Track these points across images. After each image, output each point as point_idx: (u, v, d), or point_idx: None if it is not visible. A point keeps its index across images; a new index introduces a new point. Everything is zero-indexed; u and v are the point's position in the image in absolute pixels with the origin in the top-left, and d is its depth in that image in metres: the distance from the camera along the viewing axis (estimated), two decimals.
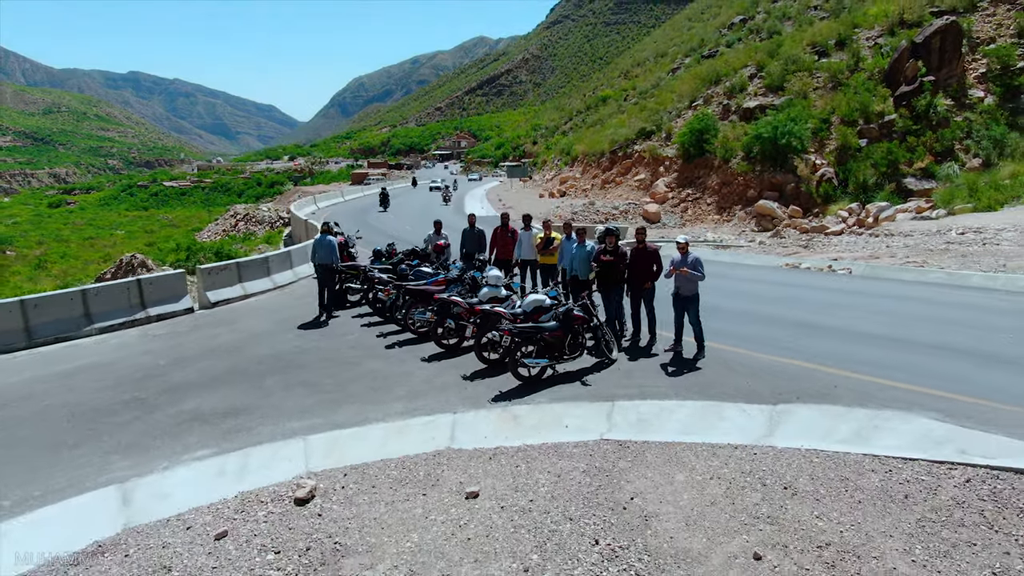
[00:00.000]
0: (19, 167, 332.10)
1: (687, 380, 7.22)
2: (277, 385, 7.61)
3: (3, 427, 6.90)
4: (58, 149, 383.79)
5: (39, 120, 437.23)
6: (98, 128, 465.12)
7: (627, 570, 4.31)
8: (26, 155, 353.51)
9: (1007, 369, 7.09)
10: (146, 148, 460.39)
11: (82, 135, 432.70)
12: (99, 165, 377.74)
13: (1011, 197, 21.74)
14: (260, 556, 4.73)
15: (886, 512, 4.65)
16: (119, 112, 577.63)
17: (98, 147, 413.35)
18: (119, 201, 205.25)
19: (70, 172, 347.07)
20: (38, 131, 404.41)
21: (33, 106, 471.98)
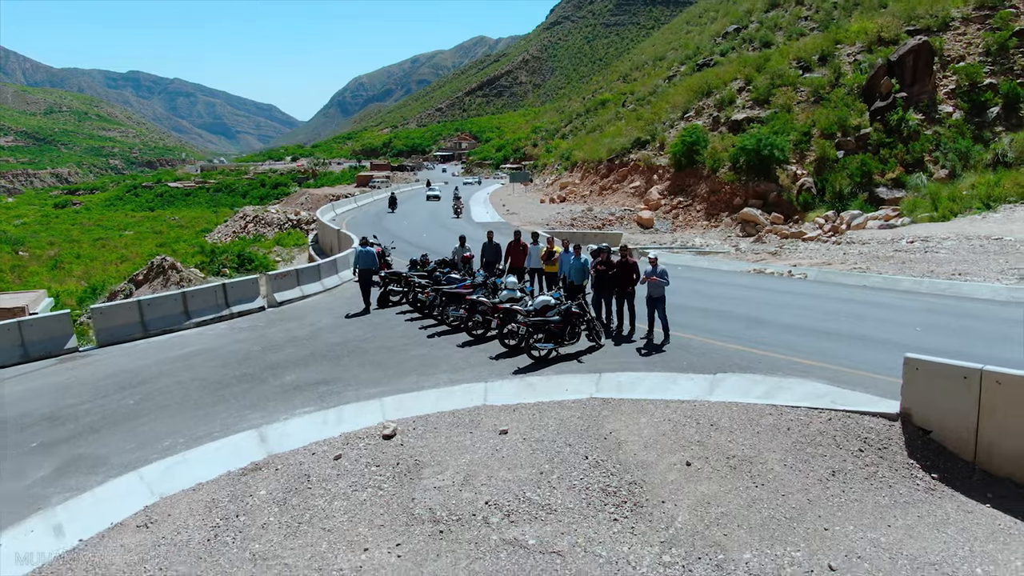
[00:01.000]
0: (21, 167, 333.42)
1: (655, 359, 9.73)
2: (351, 364, 10.12)
3: (155, 395, 9.41)
4: (60, 149, 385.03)
5: (40, 120, 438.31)
6: (99, 128, 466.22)
7: (605, 473, 6.82)
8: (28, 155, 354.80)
9: (888, 350, 9.57)
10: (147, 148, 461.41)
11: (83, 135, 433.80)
12: (101, 165, 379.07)
13: (964, 208, 24.25)
14: (367, 468, 7.24)
15: (773, 438, 7.16)
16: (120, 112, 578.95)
17: (100, 147, 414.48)
18: (124, 202, 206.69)
19: (72, 172, 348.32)
20: (40, 131, 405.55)
21: (34, 106, 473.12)
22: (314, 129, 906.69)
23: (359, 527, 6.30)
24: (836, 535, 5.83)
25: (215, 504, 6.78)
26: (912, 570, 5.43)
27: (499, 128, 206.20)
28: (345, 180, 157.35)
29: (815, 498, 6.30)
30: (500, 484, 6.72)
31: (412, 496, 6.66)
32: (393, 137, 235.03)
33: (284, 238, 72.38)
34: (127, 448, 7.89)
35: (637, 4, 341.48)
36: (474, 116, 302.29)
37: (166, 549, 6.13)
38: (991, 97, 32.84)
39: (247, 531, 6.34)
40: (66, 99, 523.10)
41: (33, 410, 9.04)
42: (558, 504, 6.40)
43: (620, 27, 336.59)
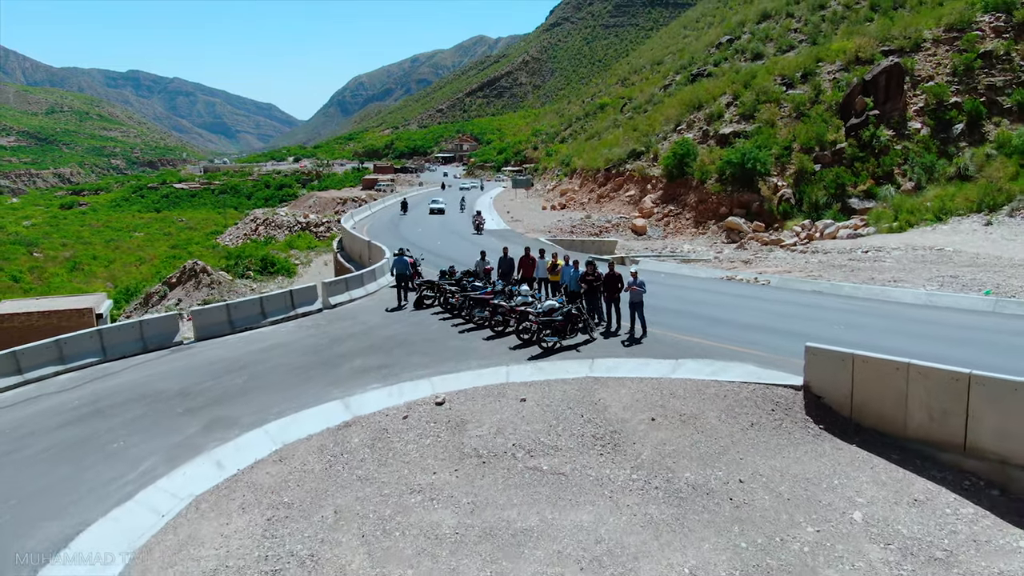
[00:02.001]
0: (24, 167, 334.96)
1: (635, 349, 12.70)
2: (402, 353, 13.10)
3: (257, 376, 12.40)
4: (62, 149, 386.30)
5: (42, 120, 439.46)
6: (101, 128, 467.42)
7: (595, 426, 9.79)
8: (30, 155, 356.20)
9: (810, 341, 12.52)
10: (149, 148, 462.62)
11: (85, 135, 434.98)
12: (103, 165, 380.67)
13: (920, 219, 27.23)
14: (427, 424, 10.22)
15: (713, 402, 10.14)
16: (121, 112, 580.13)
17: (101, 147, 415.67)
18: (130, 203, 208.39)
19: (74, 172, 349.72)
20: (41, 131, 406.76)
21: (36, 106, 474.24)
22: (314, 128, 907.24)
23: (427, 460, 9.29)
24: (747, 462, 8.83)
25: (324, 447, 9.77)
26: (792, 483, 8.43)
27: (500, 130, 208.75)
28: (349, 182, 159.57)
29: (737, 440, 9.29)
30: (522, 433, 9.71)
31: (461, 441, 9.65)
32: (395, 139, 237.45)
33: (295, 240, 75.40)
34: (249, 412, 10.87)
35: (636, 6, 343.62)
36: (475, 117, 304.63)
37: (298, 474, 9.12)
38: (956, 115, 35.87)
39: (351, 463, 9.32)
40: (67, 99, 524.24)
41: (167, 388, 12.01)
42: (562, 445, 9.39)
43: (619, 28, 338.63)
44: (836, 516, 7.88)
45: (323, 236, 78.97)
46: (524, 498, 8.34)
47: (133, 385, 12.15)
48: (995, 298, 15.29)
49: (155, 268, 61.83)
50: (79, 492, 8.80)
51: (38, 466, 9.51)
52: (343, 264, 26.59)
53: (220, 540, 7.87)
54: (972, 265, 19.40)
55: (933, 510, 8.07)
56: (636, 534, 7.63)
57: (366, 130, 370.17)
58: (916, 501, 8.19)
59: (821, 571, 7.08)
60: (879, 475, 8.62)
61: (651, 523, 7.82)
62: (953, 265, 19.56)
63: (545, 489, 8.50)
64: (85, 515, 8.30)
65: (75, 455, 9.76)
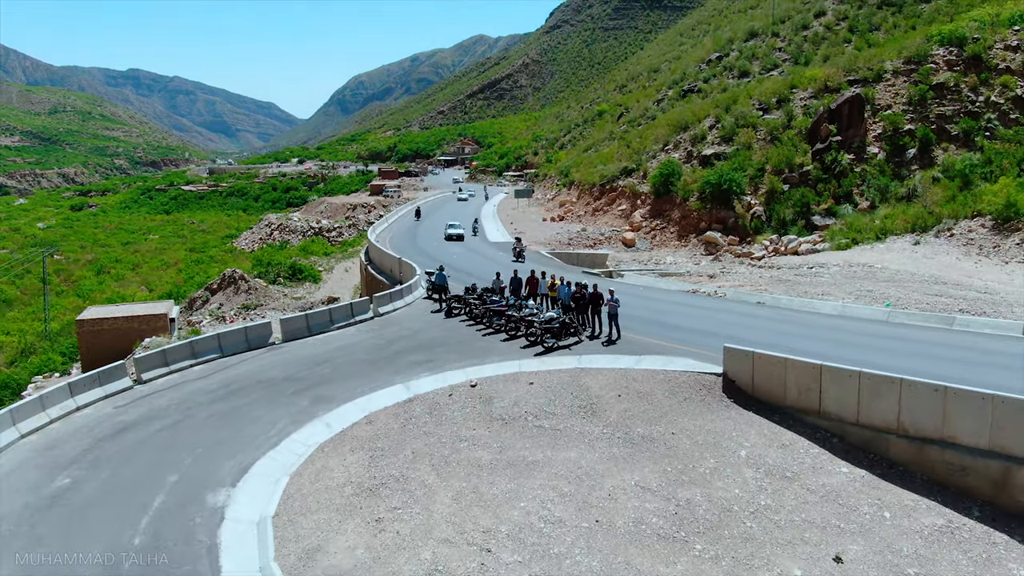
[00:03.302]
0: (29, 167, 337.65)
1: (610, 348, 17.38)
2: (442, 351, 17.77)
3: (337, 367, 17.08)
4: (65, 149, 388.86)
5: (45, 120, 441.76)
6: (103, 128, 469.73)
7: (580, 400, 14.48)
8: (34, 155, 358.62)
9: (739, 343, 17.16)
10: (151, 148, 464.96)
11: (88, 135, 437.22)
12: (106, 165, 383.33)
13: (864, 238, 31.89)
14: (466, 399, 14.91)
15: (661, 384, 14.83)
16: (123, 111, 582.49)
17: (104, 147, 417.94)
18: (139, 204, 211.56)
19: (79, 172, 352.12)
20: (45, 131, 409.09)
21: (39, 106, 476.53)
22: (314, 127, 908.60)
23: (468, 422, 13.98)
24: (678, 422, 13.53)
25: (397, 415, 14.46)
26: (705, 434, 13.12)
27: (501, 133, 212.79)
28: (354, 185, 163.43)
29: (673, 408, 13.99)
30: (531, 404, 14.40)
31: (490, 410, 14.34)
32: (398, 141, 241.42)
33: (310, 245, 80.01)
34: (340, 392, 15.55)
35: (635, 9, 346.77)
36: (475, 118, 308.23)
37: (383, 431, 13.81)
38: (909, 141, 40.54)
39: (417, 424, 14.01)
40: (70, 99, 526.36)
41: (276, 375, 16.69)
42: (558, 412, 14.08)
43: (618, 31, 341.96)
44: (729, 453, 12.59)
45: (335, 241, 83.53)
46: (532, 444, 13.04)
47: (250, 374, 16.83)
48: (891, 310, 19.95)
49: (186, 273, 66.26)
50: (242, 443, 13.49)
51: (207, 428, 14.20)
52: (374, 276, 31.17)
53: (342, 467, 12.58)
54: (889, 280, 24.07)
55: (793, 450, 12.79)
56: (604, 464, 12.34)
57: (368, 131, 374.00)
58: (783, 445, 12.91)
59: (714, 483, 11.79)
60: (763, 430, 13.34)
61: (613, 458, 12.52)
62: (875, 281, 24.23)
63: (546, 438, 13.20)
64: (252, 455, 12.99)
65: (230, 420, 14.45)
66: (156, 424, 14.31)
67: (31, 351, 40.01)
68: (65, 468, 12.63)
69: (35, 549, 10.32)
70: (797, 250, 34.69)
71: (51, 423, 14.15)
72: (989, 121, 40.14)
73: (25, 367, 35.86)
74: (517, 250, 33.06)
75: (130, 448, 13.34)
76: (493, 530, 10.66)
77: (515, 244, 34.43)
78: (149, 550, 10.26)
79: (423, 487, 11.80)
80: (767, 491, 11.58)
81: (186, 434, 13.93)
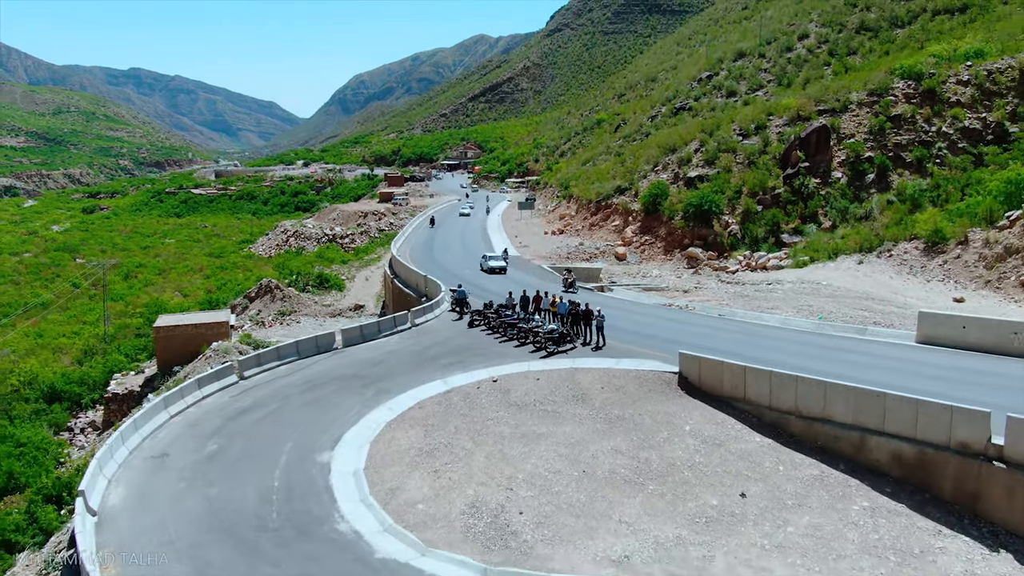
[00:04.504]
0: (35, 168, 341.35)
1: (597, 353, 22.69)
2: (468, 355, 23.08)
3: (390, 367, 22.43)
4: (70, 150, 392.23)
5: (49, 120, 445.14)
6: (107, 128, 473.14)
7: (573, 392, 19.82)
8: (40, 155, 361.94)
9: (698, 349, 22.45)
10: (155, 148, 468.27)
11: (92, 135, 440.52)
12: (111, 166, 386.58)
13: (820, 257, 37.15)
14: (489, 390, 20.26)
15: (633, 380, 20.15)
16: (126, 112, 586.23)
17: (108, 147, 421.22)
18: (149, 207, 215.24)
19: (84, 173, 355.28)
20: (49, 131, 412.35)
21: (43, 106, 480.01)
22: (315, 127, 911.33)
23: (492, 407, 19.32)
24: (644, 406, 18.87)
25: (440, 402, 19.79)
26: (663, 415, 18.47)
27: (502, 138, 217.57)
28: (361, 189, 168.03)
29: (642, 397, 19.34)
30: (537, 394, 19.74)
31: (508, 398, 19.68)
32: (402, 145, 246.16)
33: (325, 251, 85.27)
34: (395, 385, 20.86)
35: (634, 13, 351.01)
36: (477, 121, 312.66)
37: (431, 413, 19.14)
38: (868, 167, 45.85)
39: (455, 408, 19.35)
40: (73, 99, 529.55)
41: (345, 373, 21.99)
42: (557, 400, 19.43)
43: (618, 35, 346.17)
44: (678, 428, 17.91)
45: (348, 248, 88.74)
46: (539, 422, 18.36)
47: (324, 372, 22.15)
48: (821, 322, 25.23)
49: (214, 279, 71.33)
50: (331, 421, 18.79)
51: (302, 411, 19.52)
52: (401, 289, 36.42)
53: (405, 438, 17.91)
54: (830, 296, 29.36)
55: (723, 426, 18.11)
56: (589, 435, 17.66)
57: (371, 133, 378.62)
58: (716, 423, 18.22)
59: (665, 447, 17.12)
60: (704, 412, 18.65)
61: (596, 431, 17.85)
62: (818, 296, 29.52)
63: (548, 418, 18.52)
64: (340, 430, 18.30)
65: (317, 406, 19.77)
66: (264, 408, 19.64)
67: (93, 352, 45.27)
68: (210, 438, 17.96)
69: (212, 487, 15.65)
70: (765, 265, 39.98)
71: (188, 408, 19.47)
72: (939, 150, 45.44)
73: (94, 365, 41.17)
74: (568, 281, 34.12)
75: (251, 425, 18.68)
76: (513, 477, 15.98)
77: (566, 275, 35.54)
78: (286, 488, 15.59)
79: (464, 450, 17.12)
80: (701, 452, 16.90)
81: (288, 415, 19.25)
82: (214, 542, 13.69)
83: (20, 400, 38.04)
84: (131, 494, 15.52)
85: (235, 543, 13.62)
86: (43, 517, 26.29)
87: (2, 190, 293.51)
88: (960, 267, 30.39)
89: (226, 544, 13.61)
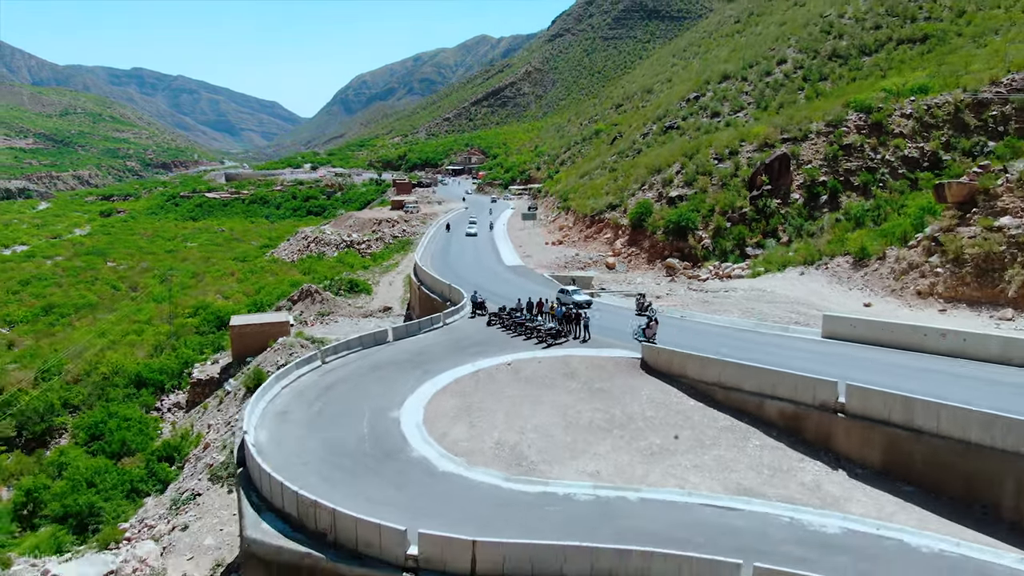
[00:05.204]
0: (45, 169, 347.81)
1: (585, 345, 30.56)
2: (489, 346, 30.97)
3: (433, 355, 30.40)
4: (78, 151, 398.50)
5: (57, 122, 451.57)
6: (113, 129, 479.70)
7: (566, 372, 27.79)
8: (48, 157, 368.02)
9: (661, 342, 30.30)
10: (160, 149, 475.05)
11: (99, 136, 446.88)
12: (119, 167, 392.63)
13: (772, 269, 44.98)
14: (506, 371, 28.23)
15: (611, 363, 28.09)
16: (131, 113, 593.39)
17: (115, 148, 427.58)
18: (165, 211, 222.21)
19: (93, 174, 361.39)
20: (57, 133, 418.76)
21: (50, 108, 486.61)
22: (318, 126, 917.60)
23: (508, 381, 27.28)
24: (615, 381, 26.85)
25: (470, 378, 27.74)
26: (629, 388, 26.44)
27: (505, 144, 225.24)
28: (370, 195, 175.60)
29: (614, 375, 27.30)
30: (539, 373, 27.69)
31: (519, 376, 27.63)
32: (408, 151, 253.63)
33: (344, 257, 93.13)
34: (437, 367, 28.78)
35: (634, 19, 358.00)
36: (480, 125, 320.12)
37: (465, 386, 27.11)
38: (822, 190, 53.69)
39: (482, 383, 27.31)
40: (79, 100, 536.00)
41: (399, 359, 29.88)
42: (554, 376, 27.39)
43: (618, 40, 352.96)
44: (638, 395, 25.86)
45: (365, 253, 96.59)
46: (541, 392, 26.31)
47: (384, 358, 30.05)
48: (758, 323, 33.05)
49: (250, 283, 79.18)
50: (395, 391, 26.72)
51: (373, 385, 27.46)
52: (427, 295, 44.23)
53: (447, 402, 25.88)
54: (771, 302, 37.19)
55: (669, 394, 26.05)
56: (576, 400, 25.62)
57: (376, 136, 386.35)
58: (664, 391, 26.16)
59: (628, 406, 25.07)
60: (657, 385, 26.56)
61: (581, 398, 25.80)
62: (761, 302, 37.35)
63: (547, 389, 26.46)
64: (402, 397, 26.24)
65: (383, 382, 27.70)
66: (346, 383, 27.57)
67: (162, 347, 53.25)
68: (313, 402, 25.88)
69: (323, 432, 23.57)
70: (730, 274, 47.86)
71: (293, 382, 27.37)
72: (882, 175, 53.33)
73: (169, 357, 49.18)
74: (643, 304, 36.73)
75: (340, 394, 26.60)
76: (524, 427, 23.88)
77: (639, 298, 37.72)
78: (373, 433, 23.50)
79: (489, 410, 25.03)
80: (652, 410, 24.79)
81: (364, 387, 27.17)
82: (332, 464, 21.57)
83: (111, 386, 46.04)
84: (271, 437, 23.40)
85: (346, 463, 21.51)
86: (160, 471, 34.55)
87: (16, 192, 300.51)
88: (876, 278, 38.28)
89: (340, 464, 21.49)
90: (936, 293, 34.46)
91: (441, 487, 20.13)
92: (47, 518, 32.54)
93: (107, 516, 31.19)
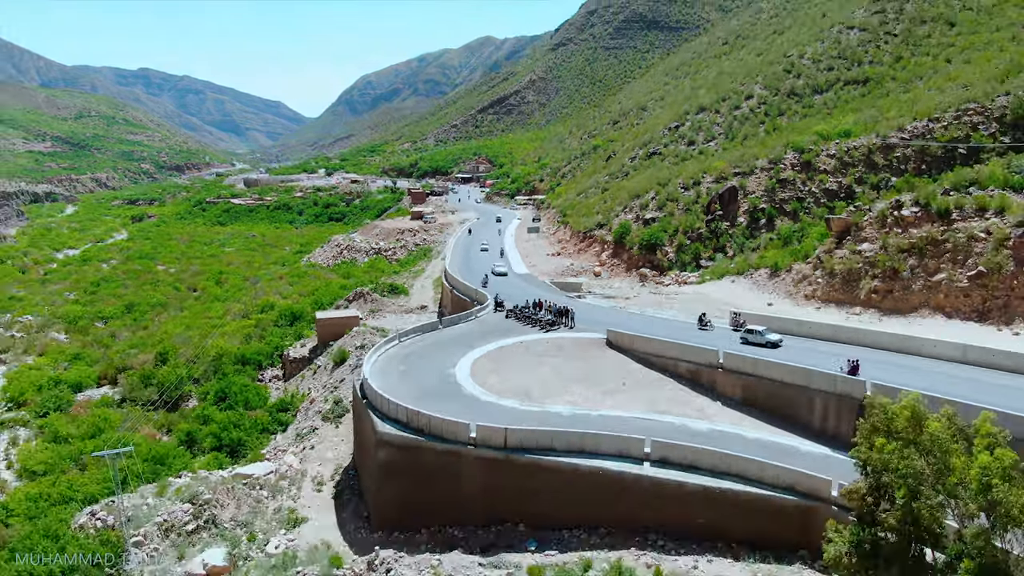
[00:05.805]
0: (65, 172, 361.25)
1: (572, 331, 46.06)
2: (508, 331, 46.43)
3: (473, 336, 46.05)
4: (94, 154, 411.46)
5: (72, 125, 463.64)
6: (127, 132, 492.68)
7: (558, 347, 43.41)
8: (66, 160, 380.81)
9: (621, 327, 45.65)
10: (173, 151, 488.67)
11: (113, 139, 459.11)
12: (134, 169, 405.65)
13: (714, 277, 60.27)
14: (522, 348, 43.87)
15: (586, 341, 43.64)
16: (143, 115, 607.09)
17: (130, 151, 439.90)
18: (193, 215, 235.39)
19: (110, 177, 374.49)
20: (73, 136, 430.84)
21: (65, 111, 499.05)
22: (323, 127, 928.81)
23: (522, 353, 42.89)
24: (589, 353, 42.48)
25: (497, 350, 43.33)
26: (598, 356, 42.09)
27: (511, 153, 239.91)
28: (387, 202, 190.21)
29: (589, 348, 42.92)
30: (541, 348, 43.27)
31: (528, 350, 43.22)
32: (419, 159, 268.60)
33: (375, 263, 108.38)
34: (476, 344, 44.27)
35: (634, 29, 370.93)
36: (486, 132, 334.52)
37: (494, 356, 42.73)
38: (761, 215, 69.07)
39: (504, 355, 42.91)
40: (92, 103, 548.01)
41: (449, 340, 45.29)
42: (550, 350, 43.00)
43: (619, 50, 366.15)
44: (605, 361, 41.47)
45: (392, 260, 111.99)
46: (542, 359, 41.90)
47: (439, 338, 45.47)
48: (687, 316, 48.38)
49: (300, 287, 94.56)
50: (451, 357, 42.19)
51: (436, 354, 43.01)
52: (458, 297, 59.69)
53: (485, 364, 41.51)
54: (705, 302, 52.46)
55: (624, 361, 41.66)
56: (563, 363, 41.22)
57: (386, 141, 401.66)
58: (620, 360, 41.74)
59: (599, 367, 40.69)
60: (616, 355, 42.09)
61: (566, 362, 41.41)
62: (699, 302, 52.64)
63: (546, 357, 42.04)
64: (456, 360, 41.75)
65: (444, 352, 43.22)
66: (419, 354, 43.09)
67: (251, 337, 68.88)
68: (401, 363, 41.45)
69: (410, 380, 39.19)
70: (686, 281, 63.26)
71: (387, 351, 42.91)
72: (808, 204, 68.64)
73: (261, 344, 64.77)
74: (738, 322, 44.10)
75: (416, 359, 42.16)
76: (531, 378, 39.35)
77: (734, 317, 44.86)
78: (440, 382, 39.10)
79: (510, 369, 40.53)
80: (611, 369, 40.26)
81: (431, 355, 42.69)
82: (419, 397, 37.01)
83: (222, 364, 61.72)
84: (379, 384, 38.90)
85: (426, 397, 36.94)
86: (281, 418, 50.44)
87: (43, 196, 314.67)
88: (782, 285, 53.73)
89: (424, 397, 36.92)
90: (816, 296, 49.90)
91: (484, 408, 35.65)
92: (203, 451, 48.15)
93: (251, 445, 46.82)
